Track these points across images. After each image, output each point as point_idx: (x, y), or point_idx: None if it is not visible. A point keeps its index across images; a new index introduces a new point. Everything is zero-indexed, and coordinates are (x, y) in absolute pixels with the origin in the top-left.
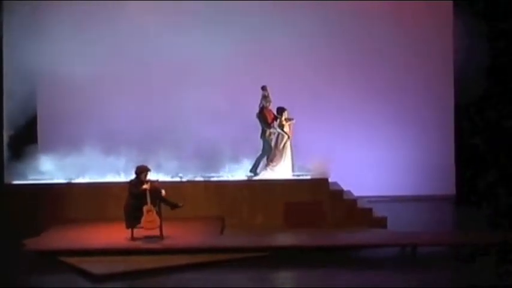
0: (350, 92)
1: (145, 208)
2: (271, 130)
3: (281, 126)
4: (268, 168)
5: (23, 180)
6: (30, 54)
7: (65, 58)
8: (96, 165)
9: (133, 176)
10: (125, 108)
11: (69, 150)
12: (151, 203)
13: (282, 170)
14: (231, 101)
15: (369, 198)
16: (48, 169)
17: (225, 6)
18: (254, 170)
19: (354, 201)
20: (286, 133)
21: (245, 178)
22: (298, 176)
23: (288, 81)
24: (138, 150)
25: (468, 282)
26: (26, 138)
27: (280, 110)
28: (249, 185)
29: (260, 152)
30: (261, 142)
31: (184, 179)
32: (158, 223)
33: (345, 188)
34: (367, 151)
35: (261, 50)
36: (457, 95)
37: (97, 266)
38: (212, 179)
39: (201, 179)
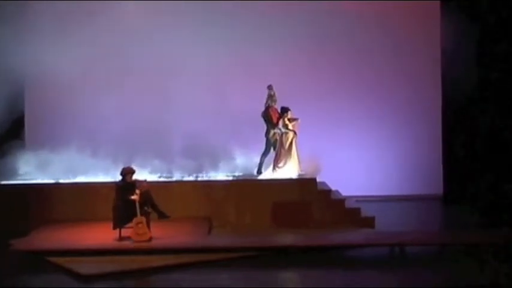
0: (338, 92)
1: (135, 220)
2: (276, 130)
3: (285, 126)
4: (275, 169)
5: (10, 180)
6: (17, 54)
7: (52, 58)
8: (84, 165)
9: (119, 177)
10: (113, 107)
11: (57, 150)
12: (141, 210)
13: (288, 170)
14: (220, 99)
15: (357, 198)
16: (36, 169)
17: (211, 6)
18: (259, 169)
19: (341, 201)
20: (291, 130)
21: (233, 178)
22: (302, 175)
23: (277, 81)
24: (126, 150)
25: (456, 282)
26: (13, 138)
27: (284, 110)
28: (237, 185)
29: (263, 151)
30: (263, 140)
31: (173, 179)
32: (149, 236)
33: (333, 188)
34: (354, 151)
35: (250, 51)
36: (444, 95)
37: (85, 266)
38: (200, 178)
39: (189, 178)
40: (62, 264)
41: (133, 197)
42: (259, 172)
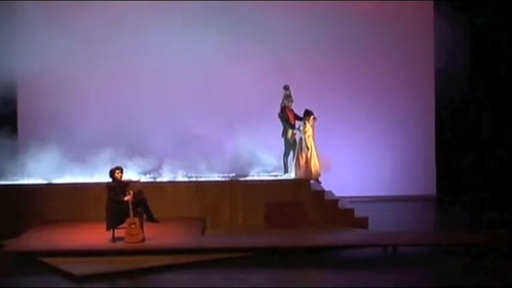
0: (332, 92)
1: (128, 221)
2: (294, 131)
3: (305, 128)
4: (296, 172)
5: (3, 180)
6: (10, 54)
7: (46, 58)
8: (77, 164)
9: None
10: (105, 106)
11: (50, 150)
12: (134, 211)
13: (308, 172)
14: (214, 98)
15: (350, 199)
16: (28, 169)
17: (203, 4)
18: (286, 170)
19: (335, 201)
20: (311, 128)
21: (227, 178)
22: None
23: (272, 79)
24: (119, 149)
25: (449, 282)
26: (5, 138)
27: (307, 113)
28: (230, 185)
29: (283, 152)
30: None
31: (165, 179)
32: (142, 236)
33: (326, 189)
34: (348, 152)
35: (245, 49)
36: (438, 95)
37: (78, 267)
38: (193, 179)
39: (182, 178)
40: (54, 265)
41: (126, 198)
42: (287, 173)
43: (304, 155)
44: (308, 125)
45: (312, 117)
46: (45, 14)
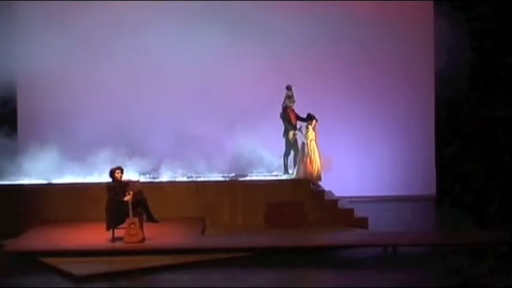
0: (332, 92)
1: (128, 221)
2: (295, 131)
3: (307, 133)
4: (294, 173)
5: (3, 180)
6: (10, 54)
7: (45, 58)
8: (77, 165)
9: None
10: (107, 107)
11: (49, 150)
12: (134, 211)
13: (306, 176)
14: (213, 98)
15: (350, 199)
16: (28, 169)
17: (203, 5)
18: (286, 170)
19: (335, 201)
20: (313, 132)
21: (227, 178)
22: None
23: (272, 78)
24: (119, 149)
25: (449, 282)
26: (5, 138)
27: (310, 117)
28: (230, 185)
29: (284, 152)
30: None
31: (165, 179)
32: (141, 236)
33: (326, 189)
34: (348, 152)
35: (243, 50)
36: (438, 95)
37: (78, 267)
38: (193, 179)
39: (182, 179)
40: (54, 265)
41: (126, 198)
42: (287, 173)
43: (305, 160)
44: (310, 129)
45: (314, 121)
46: (45, 14)
